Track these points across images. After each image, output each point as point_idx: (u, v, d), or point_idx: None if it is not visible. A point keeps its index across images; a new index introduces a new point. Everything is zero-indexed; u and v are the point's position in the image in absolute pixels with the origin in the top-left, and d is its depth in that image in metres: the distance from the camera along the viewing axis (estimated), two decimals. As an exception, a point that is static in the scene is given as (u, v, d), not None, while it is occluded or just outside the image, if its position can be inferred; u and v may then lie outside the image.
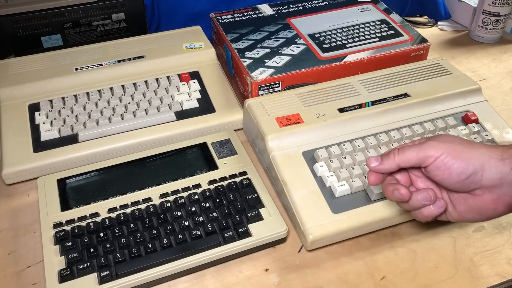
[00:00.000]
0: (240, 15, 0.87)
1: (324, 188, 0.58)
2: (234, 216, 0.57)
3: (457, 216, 0.49)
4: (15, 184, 0.65)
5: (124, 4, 0.86)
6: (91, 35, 0.87)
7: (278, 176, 0.59)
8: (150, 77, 0.77)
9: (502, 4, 0.92)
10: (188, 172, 0.63)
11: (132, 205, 0.58)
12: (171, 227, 0.55)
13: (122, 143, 0.68)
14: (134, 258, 0.53)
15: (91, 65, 0.77)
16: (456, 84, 0.70)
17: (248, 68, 0.73)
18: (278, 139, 0.62)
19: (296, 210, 0.56)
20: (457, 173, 0.45)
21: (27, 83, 0.74)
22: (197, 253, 0.53)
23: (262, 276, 0.54)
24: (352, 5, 0.90)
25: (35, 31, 0.83)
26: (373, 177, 0.50)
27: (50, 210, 0.58)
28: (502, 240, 0.58)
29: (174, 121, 0.71)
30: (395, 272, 0.54)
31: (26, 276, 0.54)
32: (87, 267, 0.51)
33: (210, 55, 0.81)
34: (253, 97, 0.71)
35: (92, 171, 0.63)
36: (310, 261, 0.56)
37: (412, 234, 0.58)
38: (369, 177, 0.50)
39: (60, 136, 0.68)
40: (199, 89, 0.76)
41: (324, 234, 0.54)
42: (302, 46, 0.78)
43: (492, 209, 0.46)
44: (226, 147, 0.66)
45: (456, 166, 0.45)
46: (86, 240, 0.54)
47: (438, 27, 1.03)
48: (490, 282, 0.53)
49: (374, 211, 0.56)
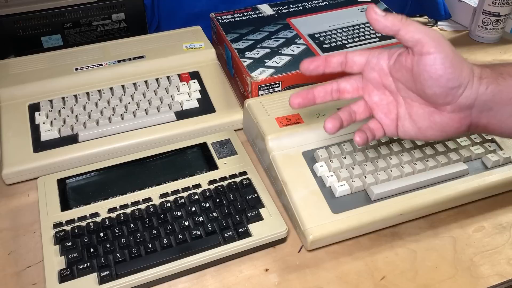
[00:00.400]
0: (240, 15, 0.87)
1: (324, 188, 0.58)
2: (234, 216, 0.57)
3: (413, 132, 0.47)
4: (15, 184, 0.65)
5: (124, 4, 0.86)
6: (91, 35, 0.87)
7: (278, 176, 0.59)
8: (150, 77, 0.77)
9: (502, 4, 0.92)
10: (188, 172, 0.63)
11: (132, 205, 0.58)
12: (171, 227, 0.55)
13: (122, 143, 0.68)
14: (134, 258, 0.53)
15: (91, 65, 0.77)
16: (456, 84, 0.70)
17: (248, 68, 0.73)
18: (278, 139, 0.62)
19: (296, 210, 0.56)
20: (448, 78, 0.42)
21: (27, 83, 0.74)
22: (197, 253, 0.53)
23: (262, 276, 0.54)
24: (352, 5, 0.90)
25: (35, 31, 0.83)
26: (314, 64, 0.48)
27: (50, 210, 0.58)
28: (502, 240, 0.58)
29: (174, 121, 0.71)
30: (395, 272, 0.54)
31: (26, 276, 0.54)
32: (87, 267, 0.51)
33: (210, 55, 0.81)
34: (253, 97, 0.71)
35: (92, 171, 0.63)
36: (310, 261, 0.56)
37: (412, 234, 0.58)
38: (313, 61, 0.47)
39: (60, 136, 0.68)
40: (199, 89, 0.76)
41: (324, 234, 0.54)
42: (302, 46, 0.78)
43: (456, 127, 0.45)
44: (226, 147, 0.66)
45: (450, 71, 0.42)
46: (86, 240, 0.54)
47: (438, 27, 1.03)
48: (490, 282, 0.53)
49: (374, 211, 0.56)
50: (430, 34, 0.42)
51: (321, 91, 0.49)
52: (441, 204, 0.59)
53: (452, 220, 0.60)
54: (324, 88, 0.49)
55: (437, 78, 0.42)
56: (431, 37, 0.42)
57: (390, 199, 0.57)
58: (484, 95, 0.43)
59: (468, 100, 0.43)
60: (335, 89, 0.49)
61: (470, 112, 0.44)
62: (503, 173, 0.61)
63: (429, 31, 0.43)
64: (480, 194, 0.61)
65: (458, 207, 0.61)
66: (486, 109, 0.44)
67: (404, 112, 0.47)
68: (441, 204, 0.59)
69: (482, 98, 0.43)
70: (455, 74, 0.42)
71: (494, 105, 0.43)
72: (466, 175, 0.60)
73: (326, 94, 0.49)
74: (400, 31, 0.43)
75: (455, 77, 0.42)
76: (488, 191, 0.61)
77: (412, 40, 0.43)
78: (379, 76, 0.47)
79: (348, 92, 0.49)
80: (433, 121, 0.45)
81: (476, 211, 0.61)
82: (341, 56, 0.48)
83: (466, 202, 0.61)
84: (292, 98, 0.48)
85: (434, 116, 0.45)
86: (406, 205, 0.57)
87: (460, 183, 0.60)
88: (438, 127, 0.45)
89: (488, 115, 0.44)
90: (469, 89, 0.43)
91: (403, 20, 0.43)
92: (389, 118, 0.48)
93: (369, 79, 0.48)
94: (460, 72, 0.43)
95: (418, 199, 0.58)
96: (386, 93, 0.48)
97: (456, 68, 0.42)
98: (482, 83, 0.43)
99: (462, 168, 0.60)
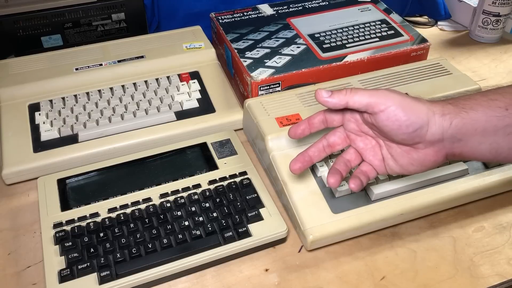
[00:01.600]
0: (240, 15, 0.87)
1: (324, 188, 0.58)
2: (234, 216, 0.57)
3: (398, 169, 0.50)
4: (15, 184, 0.65)
5: (124, 4, 0.86)
6: (91, 35, 0.87)
7: (278, 176, 0.59)
8: (150, 77, 0.77)
9: (502, 4, 0.92)
10: (188, 172, 0.63)
11: (132, 205, 0.58)
12: (171, 227, 0.55)
13: (122, 143, 0.68)
14: (134, 258, 0.53)
15: (91, 65, 0.77)
16: (456, 84, 0.70)
17: (248, 68, 0.73)
18: (278, 139, 0.62)
19: (296, 210, 0.56)
20: (406, 125, 0.45)
21: (27, 83, 0.74)
22: (197, 253, 0.53)
23: (262, 276, 0.54)
24: (352, 5, 0.90)
25: (35, 31, 0.83)
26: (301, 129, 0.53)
27: (50, 210, 0.58)
28: (502, 240, 0.58)
29: (174, 121, 0.71)
30: (395, 272, 0.54)
31: (26, 276, 0.54)
32: (87, 267, 0.51)
33: (210, 55, 0.81)
34: (253, 97, 0.71)
35: (92, 171, 0.63)
36: (310, 261, 0.56)
37: (412, 234, 0.59)
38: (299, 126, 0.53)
39: (60, 136, 0.68)
40: (199, 89, 0.76)
41: (324, 234, 0.54)
42: (302, 46, 0.78)
43: (433, 160, 0.48)
44: (226, 147, 0.66)
45: (405, 119, 0.45)
46: (86, 240, 0.54)
47: (438, 27, 1.03)
48: (490, 282, 0.53)
49: (374, 211, 0.56)
50: (376, 95, 0.47)
51: (315, 151, 0.53)
52: (441, 204, 0.59)
53: (452, 220, 0.60)
54: (317, 147, 0.53)
55: (397, 128, 0.46)
56: (378, 96, 0.46)
57: (390, 199, 0.57)
58: (449, 129, 0.45)
59: (435, 136, 0.46)
60: (326, 144, 0.53)
61: (443, 144, 0.47)
62: (503, 173, 0.61)
63: (374, 93, 0.47)
64: (480, 194, 0.61)
65: (458, 207, 0.61)
66: (456, 140, 0.46)
67: (386, 153, 0.50)
68: (441, 204, 0.59)
69: (449, 132, 0.45)
70: (412, 120, 0.45)
71: (462, 137, 0.46)
72: (466, 175, 0.60)
73: (320, 152, 0.53)
74: (348, 103, 0.48)
75: (413, 122, 0.45)
76: (488, 191, 0.61)
77: (361, 106, 0.47)
78: (356, 126, 0.51)
79: (338, 144, 0.53)
80: (412, 158, 0.48)
81: (476, 211, 0.61)
82: (320, 115, 0.53)
83: (466, 202, 0.61)
84: (292, 165, 0.52)
85: (411, 154, 0.48)
86: (406, 205, 0.57)
87: (460, 183, 0.60)
88: (417, 162, 0.48)
89: (459, 145, 0.46)
90: (433, 126, 0.46)
91: (347, 93, 0.48)
92: (377, 159, 0.51)
93: (349, 129, 0.52)
94: (417, 115, 0.45)
95: (418, 199, 0.58)
96: (368, 138, 0.51)
97: (411, 114, 0.45)
98: (445, 119, 0.45)
99: (462, 168, 0.60)
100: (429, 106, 0.46)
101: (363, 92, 0.47)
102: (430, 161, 0.48)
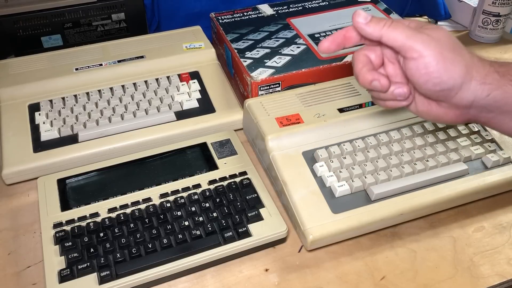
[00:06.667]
0: (240, 15, 0.87)
1: (324, 188, 0.58)
2: (234, 216, 0.57)
3: (415, 111, 0.47)
4: (15, 184, 0.65)
5: (124, 4, 0.86)
6: (91, 35, 0.87)
7: (278, 176, 0.59)
8: (150, 77, 0.77)
9: (502, 4, 0.92)
10: (188, 172, 0.63)
11: (132, 205, 0.58)
12: (171, 227, 0.55)
13: (122, 143, 0.68)
14: (134, 258, 0.53)
15: (91, 65, 0.77)
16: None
17: (248, 68, 0.73)
18: (278, 139, 0.62)
19: (296, 210, 0.56)
20: (434, 83, 0.41)
21: (27, 83, 0.74)
22: (197, 253, 0.53)
23: (262, 276, 0.54)
24: (352, 5, 0.90)
25: (35, 31, 0.83)
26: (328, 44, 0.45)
27: (50, 210, 0.58)
28: (502, 240, 0.58)
29: (174, 121, 0.71)
30: (395, 272, 0.54)
31: (26, 276, 0.54)
32: (87, 267, 0.51)
33: (210, 55, 0.81)
34: (253, 97, 0.71)
35: (92, 171, 0.63)
36: (310, 261, 0.56)
37: (412, 234, 0.59)
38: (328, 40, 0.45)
39: (60, 136, 0.68)
40: (199, 89, 0.76)
41: (324, 234, 0.54)
42: (302, 46, 0.78)
43: (451, 120, 0.45)
44: (226, 147, 0.66)
45: (436, 75, 0.41)
46: (86, 240, 0.54)
47: (438, 27, 1.03)
48: (490, 282, 0.53)
49: (374, 211, 0.56)
50: (414, 38, 0.41)
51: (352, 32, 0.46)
52: (441, 204, 0.59)
53: (452, 220, 0.60)
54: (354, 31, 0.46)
55: (424, 82, 0.42)
56: (415, 40, 0.41)
57: (390, 199, 0.57)
58: (484, 99, 0.42)
59: (463, 101, 0.42)
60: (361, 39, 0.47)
61: (468, 111, 0.44)
62: (503, 173, 0.61)
63: (413, 35, 0.41)
64: (480, 194, 0.61)
65: (458, 207, 0.61)
66: (486, 111, 0.43)
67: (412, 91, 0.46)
68: (441, 204, 0.59)
69: (481, 102, 0.42)
70: (442, 78, 0.41)
71: (495, 109, 0.42)
72: (466, 175, 0.60)
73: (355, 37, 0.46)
74: (382, 38, 0.43)
75: (442, 81, 0.41)
76: (488, 191, 0.61)
77: (394, 46, 0.42)
78: (394, 53, 0.46)
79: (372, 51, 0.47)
80: (430, 109, 0.45)
81: (476, 211, 0.61)
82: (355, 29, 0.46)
83: (466, 202, 0.61)
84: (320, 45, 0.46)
85: (431, 106, 0.45)
86: (406, 205, 0.57)
87: (460, 183, 0.60)
88: (434, 114, 0.45)
89: (488, 116, 0.43)
90: (465, 91, 0.42)
91: (385, 26, 0.42)
92: None
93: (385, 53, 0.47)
94: (450, 75, 0.41)
95: (418, 199, 0.58)
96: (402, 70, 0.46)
97: (444, 71, 0.41)
98: (483, 88, 0.41)
99: (462, 168, 0.60)
100: (470, 68, 0.41)
101: (402, 31, 0.42)
102: (448, 119, 0.45)
